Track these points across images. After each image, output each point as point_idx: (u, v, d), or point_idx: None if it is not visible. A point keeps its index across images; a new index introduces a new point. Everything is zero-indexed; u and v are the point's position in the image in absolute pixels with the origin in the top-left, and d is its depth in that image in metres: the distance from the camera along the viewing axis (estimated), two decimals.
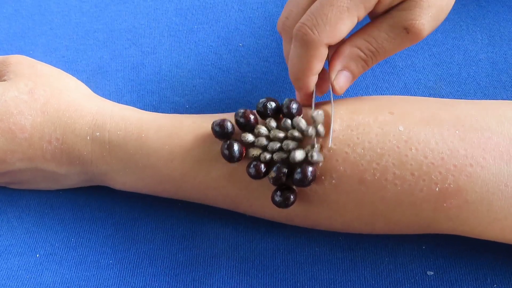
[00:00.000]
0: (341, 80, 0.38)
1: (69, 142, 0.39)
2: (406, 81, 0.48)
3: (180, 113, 0.48)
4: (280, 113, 0.37)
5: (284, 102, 0.36)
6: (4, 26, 0.56)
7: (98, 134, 0.39)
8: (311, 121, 0.35)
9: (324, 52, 0.35)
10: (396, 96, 0.47)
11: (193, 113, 0.48)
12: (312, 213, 0.37)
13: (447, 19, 0.52)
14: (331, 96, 0.37)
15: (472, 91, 0.47)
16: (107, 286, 0.40)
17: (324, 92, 0.39)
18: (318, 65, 0.36)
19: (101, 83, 0.51)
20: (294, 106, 0.36)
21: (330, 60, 0.38)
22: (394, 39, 0.36)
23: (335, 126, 0.35)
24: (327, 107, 0.37)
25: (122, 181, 0.41)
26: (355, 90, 0.48)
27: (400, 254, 0.39)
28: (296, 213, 0.37)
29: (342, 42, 0.38)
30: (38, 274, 0.40)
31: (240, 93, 0.50)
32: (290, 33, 0.37)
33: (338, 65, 0.38)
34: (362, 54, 0.37)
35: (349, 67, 0.38)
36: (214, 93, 0.50)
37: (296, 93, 0.39)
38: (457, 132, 0.34)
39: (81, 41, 0.55)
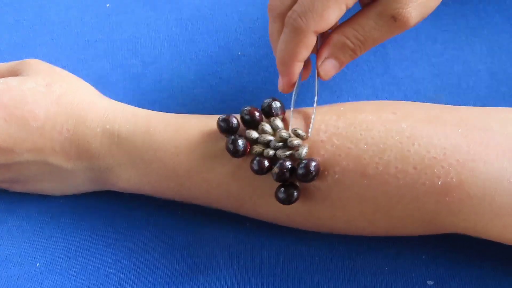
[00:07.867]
0: (327, 66, 0.39)
1: (79, 133, 0.40)
2: (406, 91, 0.48)
3: None
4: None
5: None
6: (5, 36, 0.57)
7: (108, 126, 0.40)
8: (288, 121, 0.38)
9: (311, 39, 0.36)
10: (399, 101, 0.47)
11: None
12: (315, 211, 0.37)
13: (446, 30, 0.52)
14: (316, 82, 0.39)
15: (472, 101, 0.47)
16: None
17: (306, 77, 0.41)
18: (305, 52, 0.37)
19: (102, 93, 0.51)
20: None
21: (319, 48, 0.39)
22: (381, 28, 0.37)
23: (338, 123, 0.36)
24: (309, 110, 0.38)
25: (127, 177, 0.41)
26: (356, 101, 0.48)
27: (400, 263, 0.39)
28: (299, 212, 0.37)
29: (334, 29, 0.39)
30: (38, 283, 0.40)
31: (240, 103, 0.50)
32: (279, 16, 0.38)
33: (325, 53, 0.39)
34: (349, 43, 0.38)
35: (336, 56, 0.38)
36: (214, 103, 0.50)
37: (279, 79, 0.39)
38: (459, 130, 0.34)
39: (82, 51, 0.55)
